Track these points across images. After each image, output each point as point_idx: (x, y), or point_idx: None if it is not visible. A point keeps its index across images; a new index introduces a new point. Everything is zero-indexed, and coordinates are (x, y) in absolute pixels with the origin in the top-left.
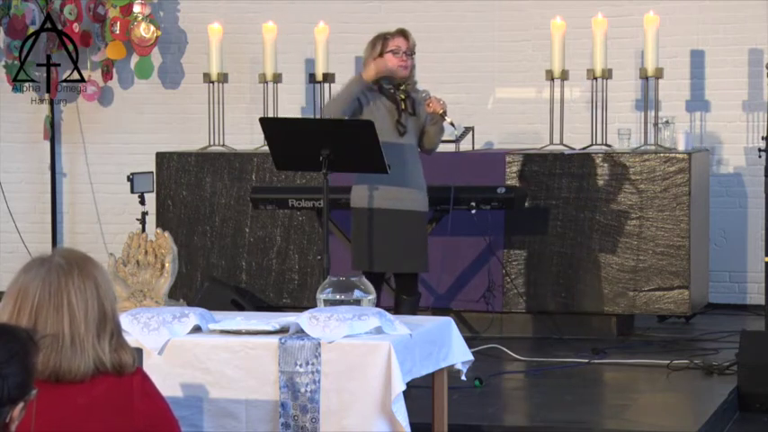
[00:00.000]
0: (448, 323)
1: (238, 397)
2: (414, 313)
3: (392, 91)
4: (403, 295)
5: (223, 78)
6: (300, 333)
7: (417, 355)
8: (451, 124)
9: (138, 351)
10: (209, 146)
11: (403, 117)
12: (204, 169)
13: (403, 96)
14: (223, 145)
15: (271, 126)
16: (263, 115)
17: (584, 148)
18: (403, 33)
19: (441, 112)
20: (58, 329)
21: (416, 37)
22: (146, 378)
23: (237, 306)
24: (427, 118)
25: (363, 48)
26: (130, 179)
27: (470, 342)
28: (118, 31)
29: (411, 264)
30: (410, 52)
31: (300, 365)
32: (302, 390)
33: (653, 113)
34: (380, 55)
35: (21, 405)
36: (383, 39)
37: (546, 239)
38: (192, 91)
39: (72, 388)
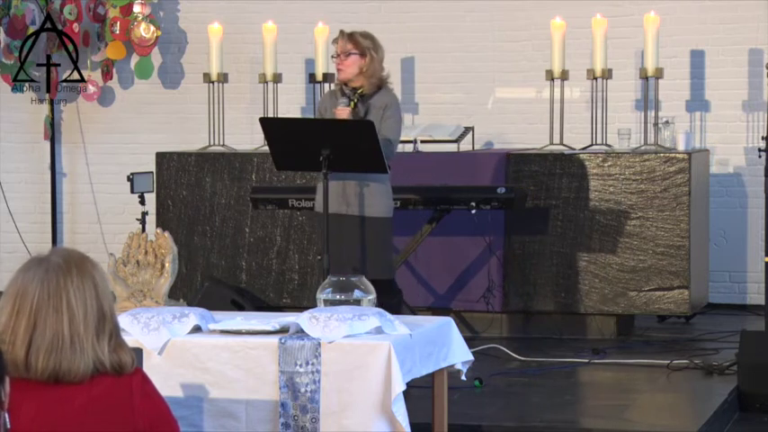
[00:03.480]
0: (448, 323)
1: (238, 397)
2: (398, 313)
3: (348, 94)
4: (384, 299)
5: (223, 78)
6: (300, 333)
7: (417, 355)
8: None
9: (138, 351)
10: (209, 146)
11: None
12: (204, 169)
13: (355, 101)
14: (223, 145)
15: (271, 126)
16: (263, 115)
17: (584, 148)
18: (341, 35)
19: None
20: (58, 330)
21: (416, 37)
22: (145, 378)
23: (237, 306)
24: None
25: None
26: (130, 179)
27: (470, 342)
28: (118, 31)
29: (372, 270)
30: (346, 53)
31: (300, 365)
32: (302, 390)
33: (653, 113)
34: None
35: (8, 381)
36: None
37: (546, 239)
38: (192, 91)
39: (71, 389)
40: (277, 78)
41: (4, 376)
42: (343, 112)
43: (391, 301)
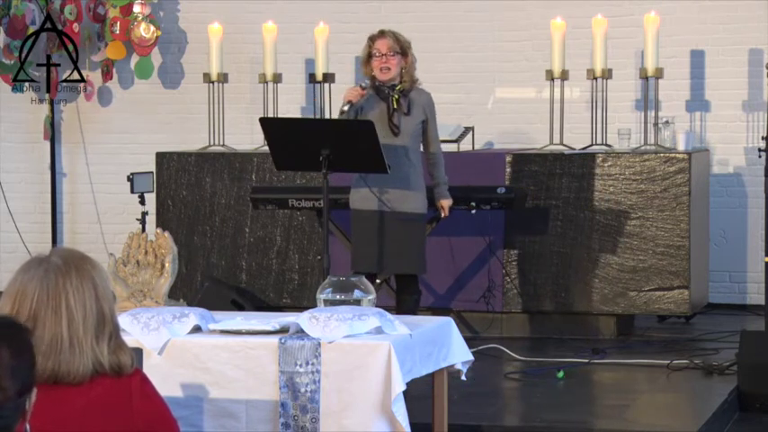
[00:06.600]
0: (448, 323)
1: (238, 397)
2: (415, 312)
3: (387, 92)
4: (404, 295)
5: (223, 78)
6: (300, 333)
7: (417, 355)
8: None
9: (138, 351)
10: (209, 146)
11: (395, 117)
12: (204, 169)
13: (396, 96)
14: (223, 145)
15: (271, 126)
16: (263, 115)
17: (584, 148)
18: (383, 34)
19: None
20: (57, 331)
21: (416, 37)
22: (145, 379)
23: (237, 306)
24: (425, 121)
25: (363, 48)
26: (130, 179)
27: (470, 342)
28: (118, 31)
29: (407, 265)
30: (393, 52)
31: (300, 365)
32: (302, 390)
33: (653, 113)
34: (369, 57)
35: (35, 391)
36: (369, 41)
37: (546, 239)
38: (192, 91)
39: (70, 390)
40: (277, 78)
41: (33, 386)
42: (354, 91)
43: (409, 297)
